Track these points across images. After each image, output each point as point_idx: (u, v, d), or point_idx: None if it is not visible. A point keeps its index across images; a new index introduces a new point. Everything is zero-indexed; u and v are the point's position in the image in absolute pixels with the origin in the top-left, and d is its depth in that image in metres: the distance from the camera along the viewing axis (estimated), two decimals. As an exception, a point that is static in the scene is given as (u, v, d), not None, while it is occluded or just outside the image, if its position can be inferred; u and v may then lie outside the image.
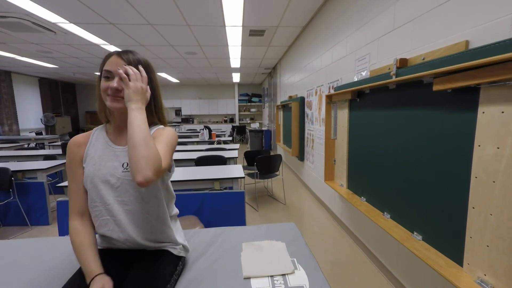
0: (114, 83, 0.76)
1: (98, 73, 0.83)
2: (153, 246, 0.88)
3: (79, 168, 0.84)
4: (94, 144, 0.86)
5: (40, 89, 8.37)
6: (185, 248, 0.98)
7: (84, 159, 0.84)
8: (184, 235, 1.02)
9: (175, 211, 1.00)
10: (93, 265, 0.75)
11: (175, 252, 0.92)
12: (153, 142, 0.73)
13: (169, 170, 0.91)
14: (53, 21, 3.34)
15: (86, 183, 0.82)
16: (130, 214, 0.82)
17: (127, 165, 0.82)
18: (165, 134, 0.84)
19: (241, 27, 3.73)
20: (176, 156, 3.15)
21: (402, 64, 1.47)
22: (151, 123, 0.90)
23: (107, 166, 0.82)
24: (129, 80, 0.75)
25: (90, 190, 0.82)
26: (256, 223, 2.77)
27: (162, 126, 0.92)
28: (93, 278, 0.73)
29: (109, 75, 0.78)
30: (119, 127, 0.87)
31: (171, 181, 2.07)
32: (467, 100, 1.05)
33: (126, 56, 0.79)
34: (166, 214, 0.90)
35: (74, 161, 0.84)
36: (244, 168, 3.39)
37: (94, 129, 0.90)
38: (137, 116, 0.73)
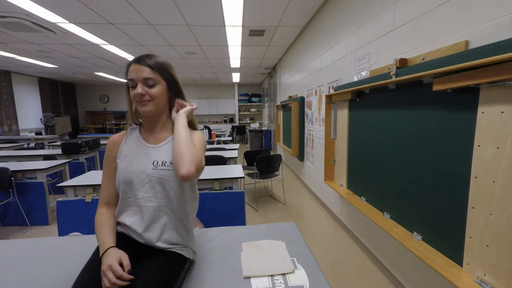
0: (139, 89, 0.83)
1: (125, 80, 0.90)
2: (163, 247, 0.89)
3: (113, 163, 0.92)
4: (128, 142, 0.94)
5: (40, 89, 8.37)
6: (193, 251, 1.01)
7: (118, 155, 0.92)
8: (194, 242, 1.02)
9: (194, 215, 1.02)
10: (109, 240, 0.82)
11: (183, 253, 0.94)
12: (194, 143, 0.85)
13: None
14: (53, 21, 3.34)
15: (120, 177, 0.88)
16: (152, 211, 0.87)
17: (157, 163, 0.88)
18: (197, 137, 0.93)
19: (241, 27, 3.73)
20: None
21: (402, 64, 1.47)
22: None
23: (139, 162, 0.89)
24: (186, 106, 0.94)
25: (123, 184, 0.87)
26: (256, 223, 2.77)
27: (191, 129, 0.98)
28: (106, 250, 0.78)
29: (134, 84, 0.84)
30: (150, 127, 0.94)
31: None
32: (467, 100, 1.05)
33: (144, 61, 0.85)
34: (187, 214, 0.94)
35: (109, 157, 0.93)
36: (244, 168, 3.39)
37: (129, 129, 0.98)
38: (184, 123, 0.88)
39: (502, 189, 0.90)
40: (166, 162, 0.88)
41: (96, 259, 0.82)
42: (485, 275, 0.98)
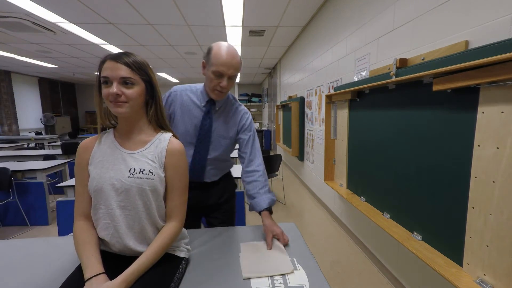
0: (114, 88, 0.75)
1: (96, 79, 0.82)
2: None
3: (85, 171, 0.84)
4: (102, 147, 0.85)
5: (40, 89, 8.37)
6: (187, 249, 0.98)
7: (90, 162, 0.84)
8: (185, 237, 1.02)
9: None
10: (96, 264, 0.75)
11: (175, 253, 0.92)
12: (164, 245, 0.83)
13: None
14: (53, 21, 3.34)
15: (92, 185, 0.80)
16: (130, 220, 0.82)
17: (134, 171, 0.81)
18: (182, 171, 0.89)
19: (241, 27, 3.73)
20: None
21: (402, 64, 1.47)
22: (155, 131, 0.91)
23: (114, 169, 0.81)
24: None
25: (95, 193, 0.80)
26: (256, 223, 2.76)
27: (169, 135, 0.91)
28: (96, 275, 0.72)
29: (108, 82, 0.76)
30: (126, 132, 0.87)
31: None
32: (467, 100, 1.05)
33: (122, 59, 0.77)
34: (163, 219, 0.89)
35: (80, 164, 0.84)
36: (244, 168, 3.38)
37: (102, 132, 0.88)
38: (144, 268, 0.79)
39: (502, 189, 0.90)
40: (144, 170, 0.81)
41: (79, 278, 0.75)
42: (485, 275, 0.98)
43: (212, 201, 1.30)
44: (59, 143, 5.54)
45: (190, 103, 1.20)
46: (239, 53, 5.23)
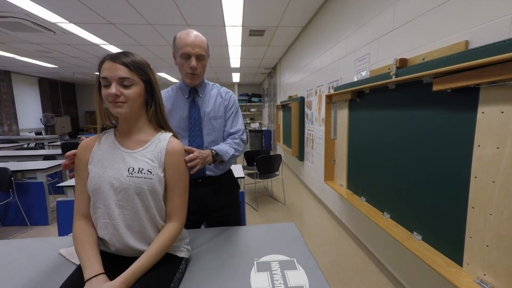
0: (113, 89, 0.75)
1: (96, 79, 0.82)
2: None
3: (84, 171, 0.84)
4: (102, 146, 0.86)
5: (40, 89, 8.37)
6: (187, 250, 0.98)
7: (90, 161, 0.84)
8: (185, 237, 1.02)
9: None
10: (96, 263, 0.75)
11: (175, 253, 0.92)
12: (164, 246, 0.83)
13: None
14: (53, 21, 3.34)
15: (90, 184, 0.80)
16: (129, 219, 0.81)
17: (133, 170, 0.81)
18: (182, 171, 0.89)
19: (241, 27, 3.73)
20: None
21: (402, 64, 1.47)
22: (155, 130, 0.91)
23: (113, 168, 0.81)
24: None
25: (94, 191, 0.80)
26: (256, 223, 2.77)
27: (169, 134, 0.91)
28: (96, 275, 0.72)
29: (107, 82, 0.77)
30: (126, 131, 0.87)
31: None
32: (466, 100, 1.05)
33: (121, 59, 0.77)
34: (163, 218, 0.89)
35: (80, 164, 0.84)
36: (244, 168, 3.39)
37: (102, 132, 0.89)
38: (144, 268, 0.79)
39: (502, 189, 0.90)
40: (143, 169, 0.81)
41: (79, 278, 0.75)
42: (485, 275, 0.98)
43: (215, 206, 1.25)
44: (59, 143, 5.55)
45: (175, 99, 1.23)
46: (239, 53, 5.26)
